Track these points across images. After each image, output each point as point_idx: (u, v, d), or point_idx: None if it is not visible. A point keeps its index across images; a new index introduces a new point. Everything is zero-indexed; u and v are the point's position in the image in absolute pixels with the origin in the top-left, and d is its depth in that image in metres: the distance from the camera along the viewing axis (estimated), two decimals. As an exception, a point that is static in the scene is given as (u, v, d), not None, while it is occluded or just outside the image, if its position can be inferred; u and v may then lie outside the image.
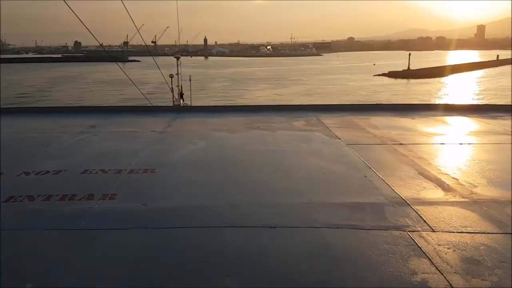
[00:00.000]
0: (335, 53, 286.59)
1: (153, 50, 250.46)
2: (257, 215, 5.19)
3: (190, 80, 20.23)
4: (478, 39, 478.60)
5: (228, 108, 14.41)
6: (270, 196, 5.93)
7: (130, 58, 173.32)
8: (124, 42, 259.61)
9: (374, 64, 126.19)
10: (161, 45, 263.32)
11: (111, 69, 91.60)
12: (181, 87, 19.60)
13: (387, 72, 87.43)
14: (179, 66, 18.92)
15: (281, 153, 8.28)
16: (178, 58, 18.63)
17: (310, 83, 77.48)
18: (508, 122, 11.17)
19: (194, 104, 17.18)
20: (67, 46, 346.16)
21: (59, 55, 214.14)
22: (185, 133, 10.23)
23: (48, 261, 4.13)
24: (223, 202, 5.61)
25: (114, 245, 4.46)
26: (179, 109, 14.31)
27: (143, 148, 8.66)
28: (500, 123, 11.00)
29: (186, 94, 20.19)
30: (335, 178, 6.73)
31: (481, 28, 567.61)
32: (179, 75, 18.32)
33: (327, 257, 4.19)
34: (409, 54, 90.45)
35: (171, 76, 17.89)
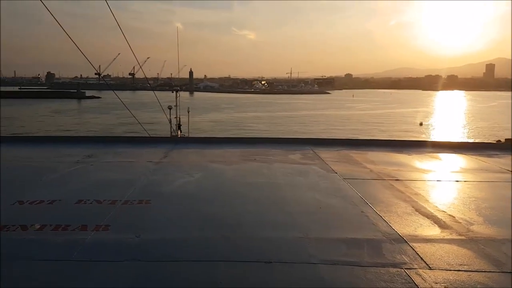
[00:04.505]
0: (340, 91, 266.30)
1: (131, 83, 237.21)
2: (253, 249, 5.13)
3: (188, 112, 20.46)
4: (488, 78, 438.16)
5: (225, 140, 14.46)
6: (265, 229, 5.86)
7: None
8: (95, 73, 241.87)
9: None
10: (141, 78, 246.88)
11: (42, 111, 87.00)
12: (179, 118, 19.82)
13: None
14: (177, 99, 19.22)
15: (277, 186, 8.26)
16: (177, 91, 18.94)
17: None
18: (503, 160, 11.24)
19: (191, 135, 17.25)
20: (39, 77, 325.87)
21: (17, 88, 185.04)
22: (181, 164, 10.22)
23: None
24: (218, 235, 5.55)
25: (106, 278, 4.37)
26: (176, 140, 14.36)
27: (138, 178, 8.62)
28: (495, 161, 11.06)
29: (184, 126, 20.41)
30: (331, 212, 6.68)
31: (490, 67, 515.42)
32: (178, 107, 18.58)
33: None
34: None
35: (170, 107, 18.14)
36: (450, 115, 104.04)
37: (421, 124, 76.48)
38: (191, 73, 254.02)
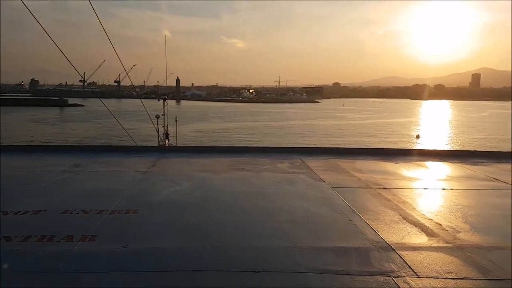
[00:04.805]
0: (328, 100, 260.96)
1: (117, 91, 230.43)
2: (241, 259, 5.10)
3: (176, 121, 20.38)
4: (474, 87, 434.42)
5: (213, 149, 14.43)
6: (254, 239, 5.85)
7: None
8: (80, 80, 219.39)
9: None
10: (127, 86, 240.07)
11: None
12: (167, 127, 19.74)
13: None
14: (165, 107, 19.16)
15: (265, 195, 8.25)
16: (164, 100, 18.88)
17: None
18: (488, 168, 11.39)
19: (178, 144, 17.16)
20: (23, 84, 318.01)
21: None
22: (169, 173, 10.16)
23: None
24: (206, 244, 5.51)
25: None
26: (164, 149, 14.29)
27: (126, 188, 8.55)
28: (481, 169, 11.20)
29: (171, 134, 20.31)
30: (320, 221, 6.69)
31: (476, 77, 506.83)
32: (165, 116, 18.52)
33: None
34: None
35: (157, 116, 18.06)
36: (444, 126, 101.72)
37: (418, 137, 73.82)
38: (177, 81, 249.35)
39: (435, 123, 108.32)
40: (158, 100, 20.63)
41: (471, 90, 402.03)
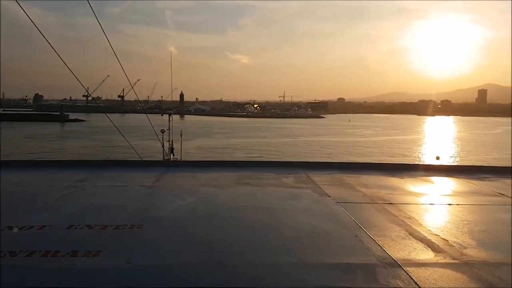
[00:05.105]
0: (334, 115, 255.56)
1: (121, 106, 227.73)
2: (245, 275, 5.07)
3: (181, 135, 20.40)
4: (480, 103, 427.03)
5: (218, 163, 14.44)
6: (258, 254, 5.81)
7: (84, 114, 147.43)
8: (83, 95, 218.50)
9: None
10: (131, 100, 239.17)
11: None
12: (172, 142, 19.77)
13: None
14: (170, 122, 19.22)
15: (270, 210, 8.22)
16: (170, 115, 18.95)
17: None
18: (494, 183, 11.31)
19: (184, 159, 17.16)
20: (27, 98, 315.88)
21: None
22: (174, 188, 10.16)
23: None
24: (211, 260, 5.49)
25: None
26: (169, 164, 14.31)
27: (130, 203, 8.55)
28: (487, 184, 11.12)
29: (176, 149, 20.33)
30: (325, 237, 6.65)
31: (482, 92, 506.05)
32: (170, 130, 18.56)
33: None
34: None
35: (163, 131, 18.10)
36: (460, 144, 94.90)
37: (437, 158, 69.66)
38: (181, 95, 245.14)
39: (449, 141, 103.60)
40: (162, 115, 20.61)
41: (477, 106, 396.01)
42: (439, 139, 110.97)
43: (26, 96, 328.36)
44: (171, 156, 19.47)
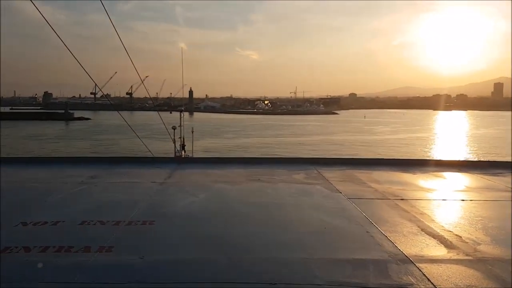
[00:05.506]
0: (347, 111, 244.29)
1: (129, 103, 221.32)
2: (257, 270, 5.08)
3: (192, 132, 20.43)
4: (497, 97, 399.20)
5: (229, 160, 14.46)
6: (270, 250, 5.82)
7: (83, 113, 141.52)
8: (91, 93, 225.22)
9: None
10: (140, 98, 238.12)
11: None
12: (183, 138, 19.82)
13: None
14: (181, 118, 19.27)
15: (281, 206, 8.23)
16: (181, 111, 18.98)
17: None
18: (508, 178, 11.16)
19: (198, 152, 17.18)
20: (36, 96, 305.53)
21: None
22: (185, 185, 10.22)
23: None
24: (222, 256, 5.51)
25: None
26: (180, 160, 14.37)
27: (142, 199, 8.61)
28: (501, 180, 10.99)
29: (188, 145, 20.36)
30: (336, 233, 6.64)
31: (498, 86, 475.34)
32: (182, 127, 18.59)
33: None
34: None
35: (174, 128, 18.15)
36: (492, 143, 78.01)
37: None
38: (190, 92, 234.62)
39: (477, 139, 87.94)
40: (170, 113, 20.68)
41: (494, 100, 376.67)
42: (471, 137, 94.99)
43: (36, 94, 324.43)
44: (183, 152, 19.53)
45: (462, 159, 28.14)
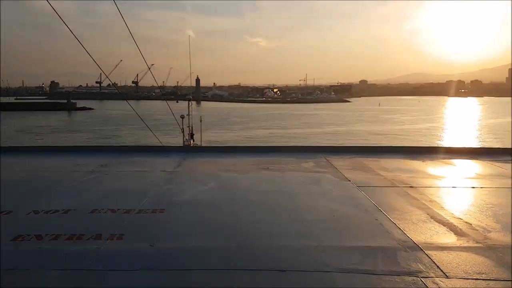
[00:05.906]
0: (359, 98, 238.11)
1: (135, 92, 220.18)
2: (266, 258, 5.11)
3: (201, 121, 20.53)
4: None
5: (238, 149, 14.48)
6: (279, 238, 5.84)
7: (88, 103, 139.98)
8: (96, 81, 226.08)
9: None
10: (146, 86, 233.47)
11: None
12: (192, 127, 19.89)
13: None
14: (190, 107, 19.35)
15: (290, 194, 8.24)
16: (189, 100, 19.06)
17: None
18: None
19: (204, 144, 17.24)
20: (43, 86, 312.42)
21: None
22: (194, 173, 10.27)
23: None
24: (232, 243, 5.54)
25: (121, 287, 4.39)
26: (189, 149, 14.43)
27: (152, 187, 8.69)
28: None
29: (196, 135, 20.46)
30: (345, 220, 6.63)
31: None
32: (190, 116, 18.70)
33: None
34: None
35: (182, 117, 18.24)
36: None
37: None
38: (197, 80, 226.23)
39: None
40: (177, 102, 20.74)
41: (509, 86, 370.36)
42: (495, 126, 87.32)
43: (43, 84, 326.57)
44: (191, 141, 19.61)
45: (473, 146, 27.77)
